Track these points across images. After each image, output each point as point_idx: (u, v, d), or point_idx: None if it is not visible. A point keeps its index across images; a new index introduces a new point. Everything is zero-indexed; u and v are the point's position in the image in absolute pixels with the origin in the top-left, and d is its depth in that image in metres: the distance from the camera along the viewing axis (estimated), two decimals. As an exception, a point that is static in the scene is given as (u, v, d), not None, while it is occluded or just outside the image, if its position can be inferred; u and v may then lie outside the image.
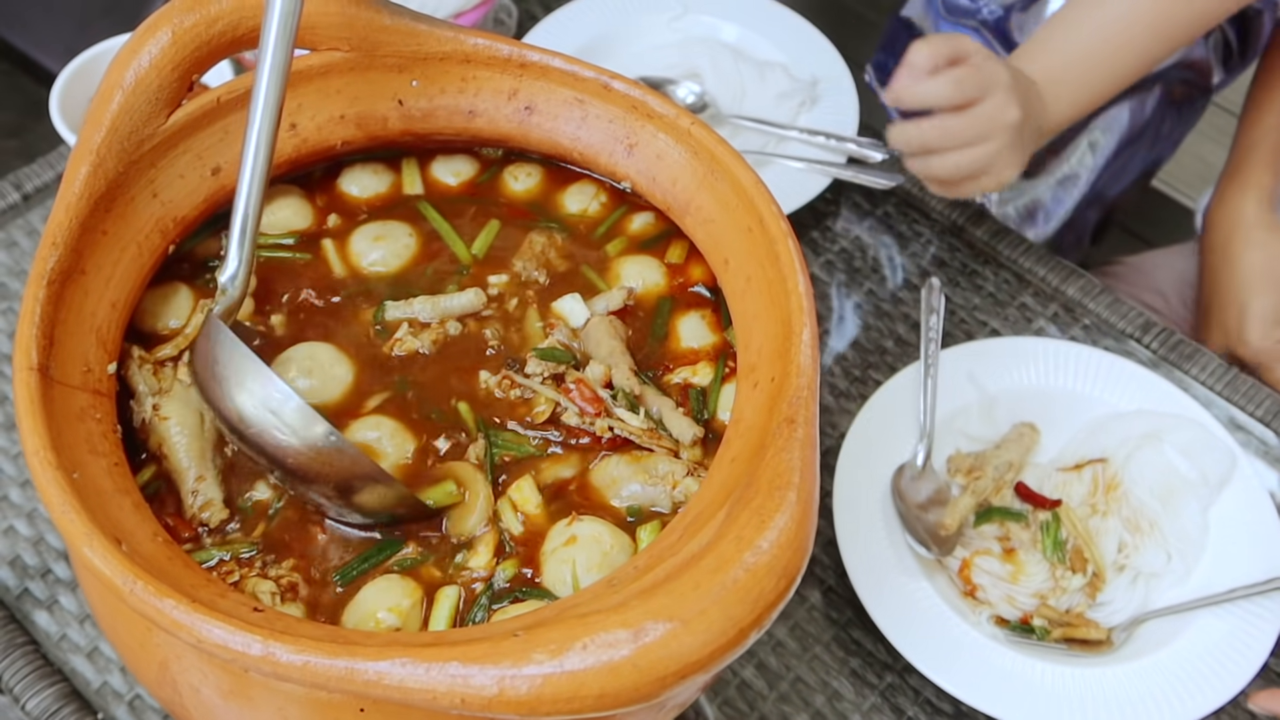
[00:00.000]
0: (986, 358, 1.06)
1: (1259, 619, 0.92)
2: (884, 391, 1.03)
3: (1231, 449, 1.00)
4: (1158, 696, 0.89)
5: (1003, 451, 1.01)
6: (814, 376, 0.59)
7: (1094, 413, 1.04)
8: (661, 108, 0.70)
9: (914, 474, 0.99)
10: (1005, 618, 0.95)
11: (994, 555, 0.97)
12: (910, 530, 0.96)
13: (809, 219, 1.21)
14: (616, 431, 0.66)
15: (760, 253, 0.65)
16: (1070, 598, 0.95)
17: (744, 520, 0.53)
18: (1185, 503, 0.98)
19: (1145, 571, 0.96)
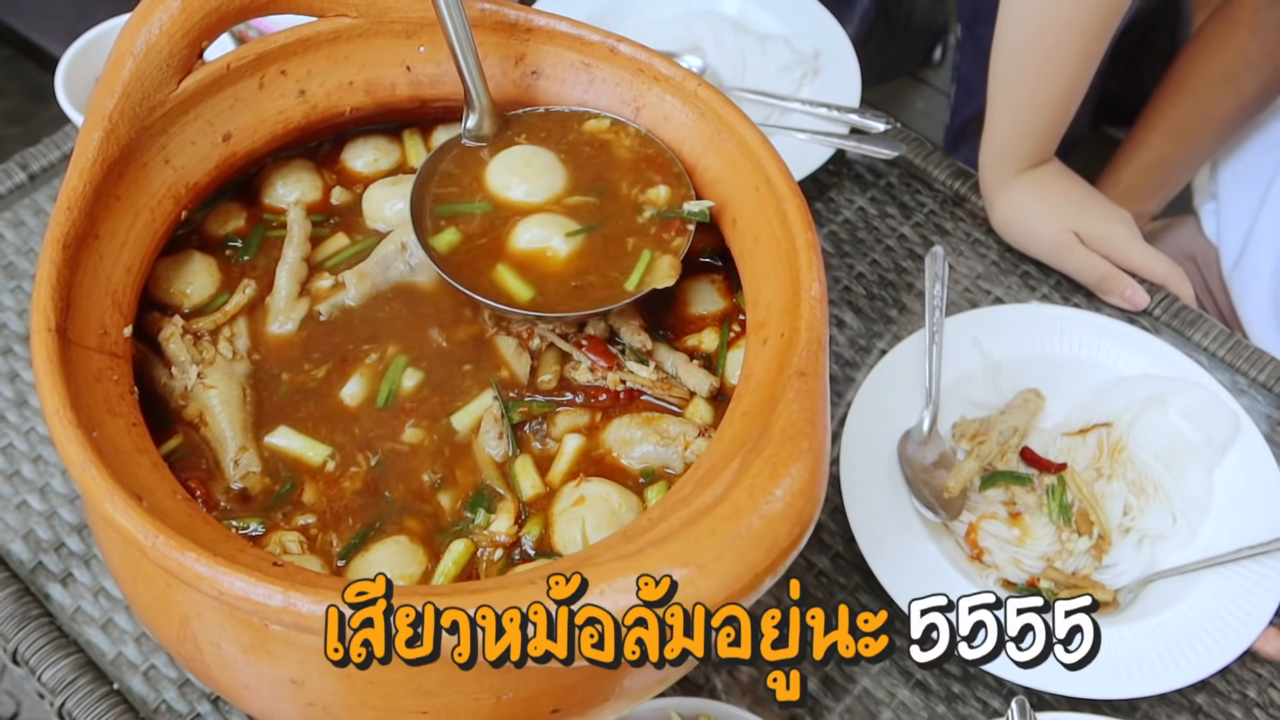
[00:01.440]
0: (991, 325, 1.07)
1: (1263, 579, 0.93)
2: (890, 359, 1.04)
3: (1235, 411, 1.01)
4: (1164, 655, 0.89)
5: (1007, 417, 1.01)
6: (823, 330, 0.60)
7: (1098, 378, 1.05)
8: (668, 70, 0.70)
9: (920, 439, 1.00)
10: (1012, 580, 0.95)
11: (1000, 519, 0.98)
12: (916, 494, 0.96)
13: (812, 190, 1.21)
14: (629, 384, 0.66)
15: (768, 211, 0.66)
16: (1076, 560, 0.96)
17: (757, 469, 0.53)
18: (1189, 465, 0.99)
19: (1151, 534, 0.97)
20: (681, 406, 0.67)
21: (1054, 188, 1.17)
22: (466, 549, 0.63)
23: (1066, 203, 1.16)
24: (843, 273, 1.16)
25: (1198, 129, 1.36)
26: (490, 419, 0.65)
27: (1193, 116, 1.36)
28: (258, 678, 0.58)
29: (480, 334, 0.70)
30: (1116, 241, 1.14)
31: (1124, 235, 1.15)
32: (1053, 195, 1.16)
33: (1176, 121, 1.38)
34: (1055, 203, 1.16)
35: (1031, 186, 1.16)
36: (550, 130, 0.74)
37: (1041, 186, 1.16)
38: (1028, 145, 1.15)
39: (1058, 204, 1.16)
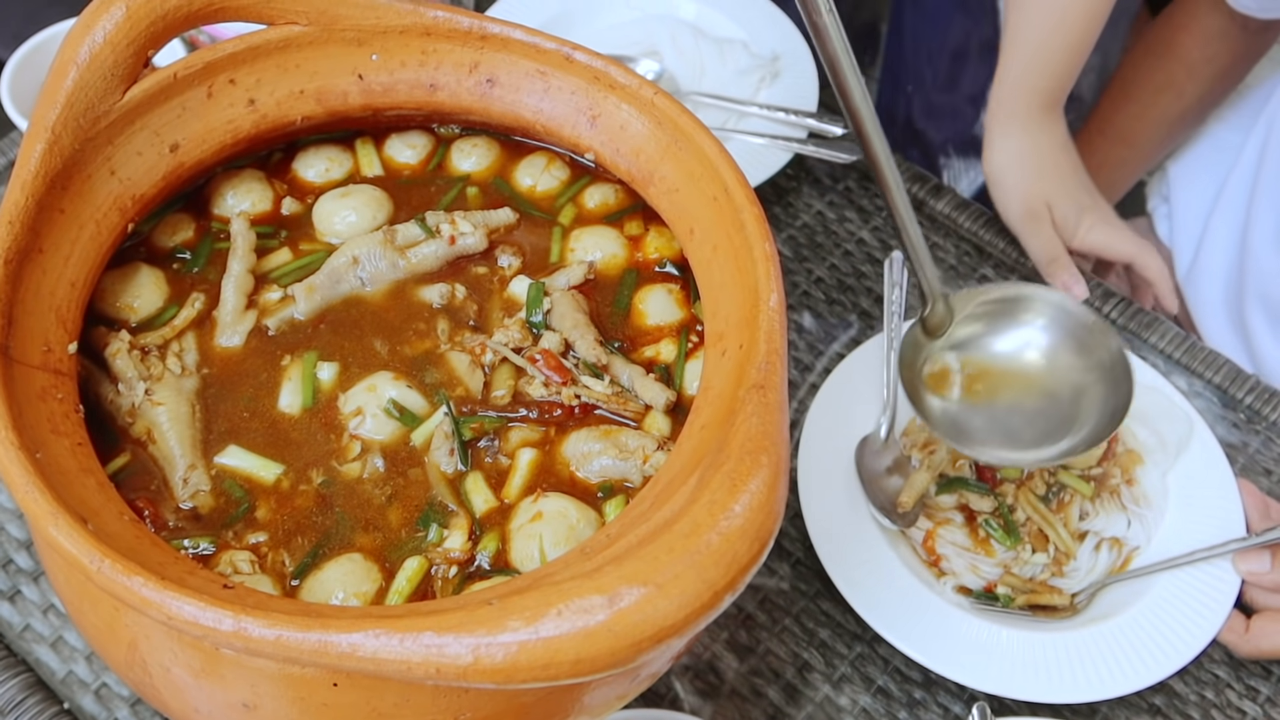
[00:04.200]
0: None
1: (1219, 580, 0.93)
2: (847, 364, 1.03)
3: (1189, 414, 1.02)
4: (1119, 658, 0.90)
5: None
6: (782, 342, 0.59)
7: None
8: (624, 78, 0.70)
9: (876, 446, 1.00)
10: (969, 587, 0.95)
11: (957, 525, 0.98)
12: (873, 501, 0.96)
13: (771, 195, 1.21)
14: (584, 399, 0.65)
15: (726, 221, 0.65)
16: (1033, 568, 0.96)
17: (716, 485, 0.53)
18: (1144, 469, 0.99)
19: (1106, 537, 0.97)
20: (637, 420, 0.66)
21: (1047, 151, 1.15)
22: (420, 566, 0.62)
23: (1053, 171, 1.15)
24: (801, 277, 1.15)
25: (1141, 133, 1.38)
26: (441, 435, 0.65)
27: (1136, 121, 1.38)
28: (209, 702, 0.57)
29: (433, 349, 0.69)
30: (1080, 228, 1.13)
31: (1089, 223, 1.13)
32: (1044, 158, 1.15)
33: (1120, 125, 1.39)
34: (1042, 168, 1.14)
35: (1029, 139, 1.15)
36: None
37: (1036, 144, 1.15)
38: (1041, 77, 1.13)
39: (1043, 169, 1.14)
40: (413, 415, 0.66)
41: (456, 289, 0.71)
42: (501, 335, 0.67)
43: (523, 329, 0.68)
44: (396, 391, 0.66)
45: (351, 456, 0.65)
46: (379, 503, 0.64)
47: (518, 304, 0.70)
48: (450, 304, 0.71)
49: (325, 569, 0.62)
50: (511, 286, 0.71)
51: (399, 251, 0.70)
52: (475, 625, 0.49)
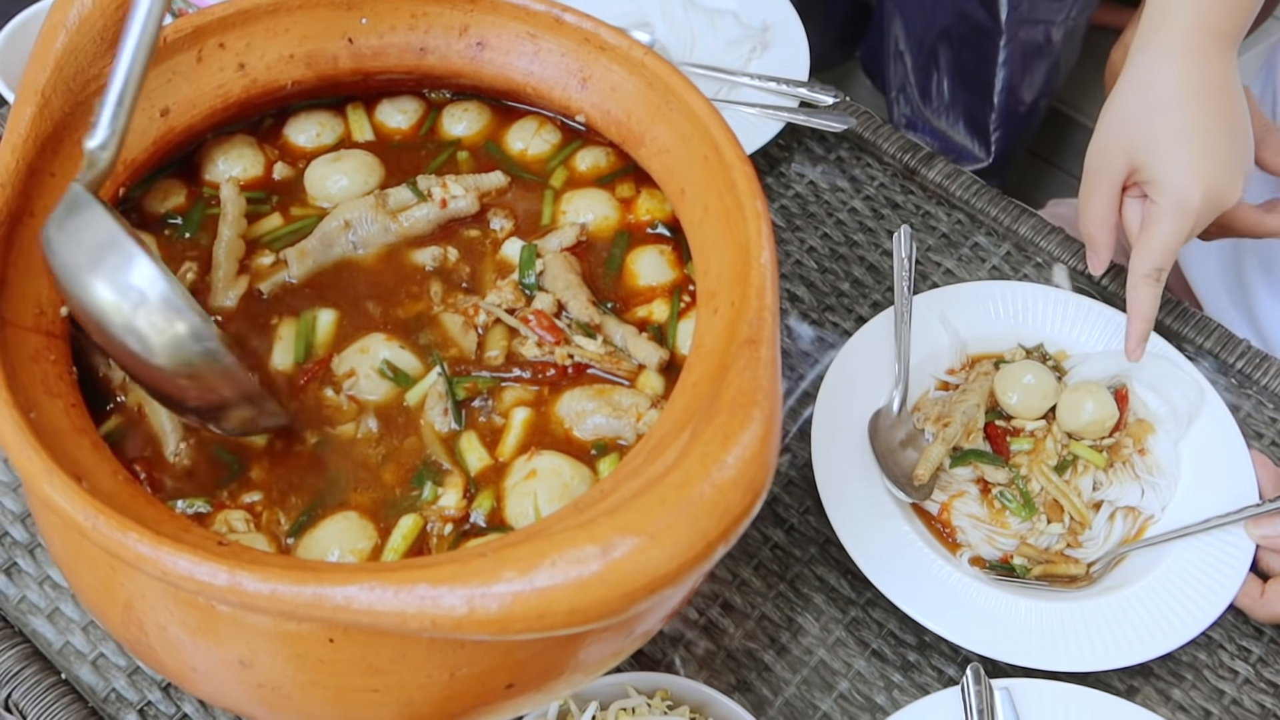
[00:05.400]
0: (958, 302, 1.07)
1: (1233, 547, 0.93)
2: (859, 337, 1.03)
3: (1199, 382, 1.01)
4: (1136, 626, 0.89)
5: (968, 395, 1.01)
6: (774, 298, 0.60)
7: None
8: (614, 40, 0.70)
9: (890, 420, 1.00)
10: (985, 558, 0.95)
11: (972, 497, 0.97)
12: (888, 474, 0.96)
13: (763, 164, 1.21)
14: (577, 358, 0.66)
15: (717, 180, 0.65)
16: (1049, 538, 0.96)
17: (709, 438, 0.53)
18: (1156, 438, 1.00)
19: (1120, 506, 0.97)
20: (630, 379, 0.66)
21: (1188, 97, 0.84)
22: (415, 524, 0.62)
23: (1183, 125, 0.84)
24: (794, 246, 1.16)
25: None
26: (435, 395, 0.65)
27: None
28: (205, 660, 0.57)
29: (426, 310, 0.69)
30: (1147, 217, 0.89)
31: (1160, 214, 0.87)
32: (1175, 106, 0.85)
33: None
34: (1160, 118, 0.85)
35: (1174, 72, 0.85)
36: None
37: (1181, 87, 0.85)
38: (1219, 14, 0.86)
39: (1158, 119, 0.85)
40: (406, 375, 0.66)
41: (449, 252, 0.71)
42: (495, 296, 0.67)
43: (515, 290, 0.68)
44: (389, 352, 0.66)
45: (346, 417, 0.65)
46: (374, 462, 0.64)
47: (510, 266, 0.70)
48: (443, 267, 0.71)
49: (321, 527, 0.62)
50: (504, 249, 0.71)
51: (391, 215, 0.70)
52: (470, 577, 0.49)
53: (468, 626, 0.49)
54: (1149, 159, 0.86)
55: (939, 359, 1.05)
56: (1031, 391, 0.99)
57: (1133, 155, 0.87)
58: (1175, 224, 0.87)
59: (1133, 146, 0.87)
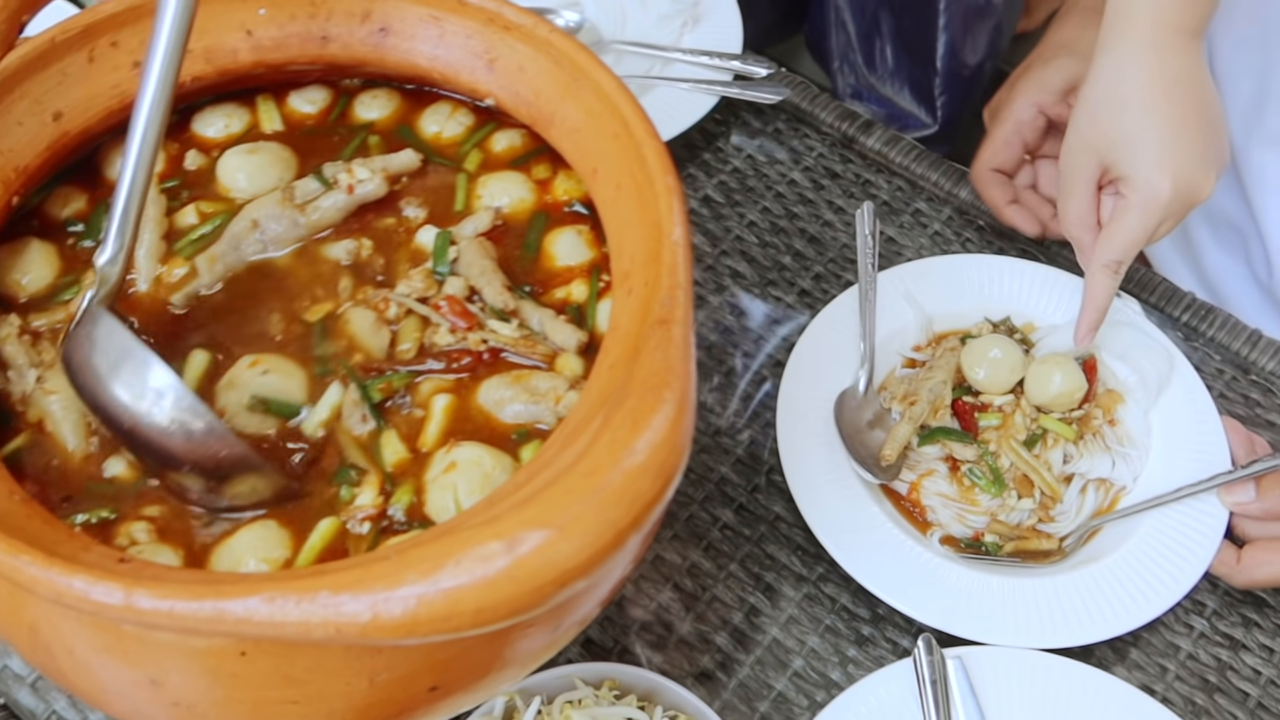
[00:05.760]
0: (923, 278, 1.05)
1: (1206, 515, 0.92)
2: (822, 316, 1.01)
3: (1169, 350, 1.00)
4: (1110, 599, 0.88)
5: (934, 373, 0.99)
6: (686, 276, 0.58)
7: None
8: (519, 18, 0.68)
9: (856, 401, 0.98)
10: (956, 536, 0.94)
11: (941, 476, 0.96)
12: (854, 456, 0.94)
13: (700, 140, 1.19)
14: (491, 343, 0.64)
15: (628, 157, 0.63)
16: (1020, 514, 0.95)
17: (618, 423, 0.51)
18: (1126, 408, 0.98)
19: (1092, 479, 0.96)
20: (547, 362, 0.65)
21: (1155, 94, 0.84)
22: (333, 526, 0.60)
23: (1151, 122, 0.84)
24: (734, 222, 1.14)
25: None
26: (350, 404, 0.63)
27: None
28: (116, 680, 0.55)
29: (334, 311, 0.67)
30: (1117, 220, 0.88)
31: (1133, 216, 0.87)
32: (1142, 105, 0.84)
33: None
34: (1128, 117, 0.85)
35: (1139, 68, 0.84)
36: None
37: (1147, 84, 0.84)
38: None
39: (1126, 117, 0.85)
40: (286, 405, 0.64)
41: (363, 244, 0.69)
42: (404, 286, 0.66)
43: (427, 278, 0.66)
44: (263, 383, 0.64)
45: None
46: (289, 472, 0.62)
47: (425, 255, 0.69)
48: (358, 260, 0.69)
49: (236, 536, 0.60)
50: (418, 237, 0.69)
51: (298, 209, 0.68)
52: (372, 582, 0.47)
53: (373, 633, 0.47)
54: (1118, 157, 0.86)
55: (905, 336, 1.03)
56: (998, 366, 0.98)
57: (1103, 155, 0.87)
58: (1141, 219, 0.87)
59: (1102, 146, 0.87)
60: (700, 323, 1.07)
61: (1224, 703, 0.89)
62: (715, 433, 1.01)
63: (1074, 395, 0.96)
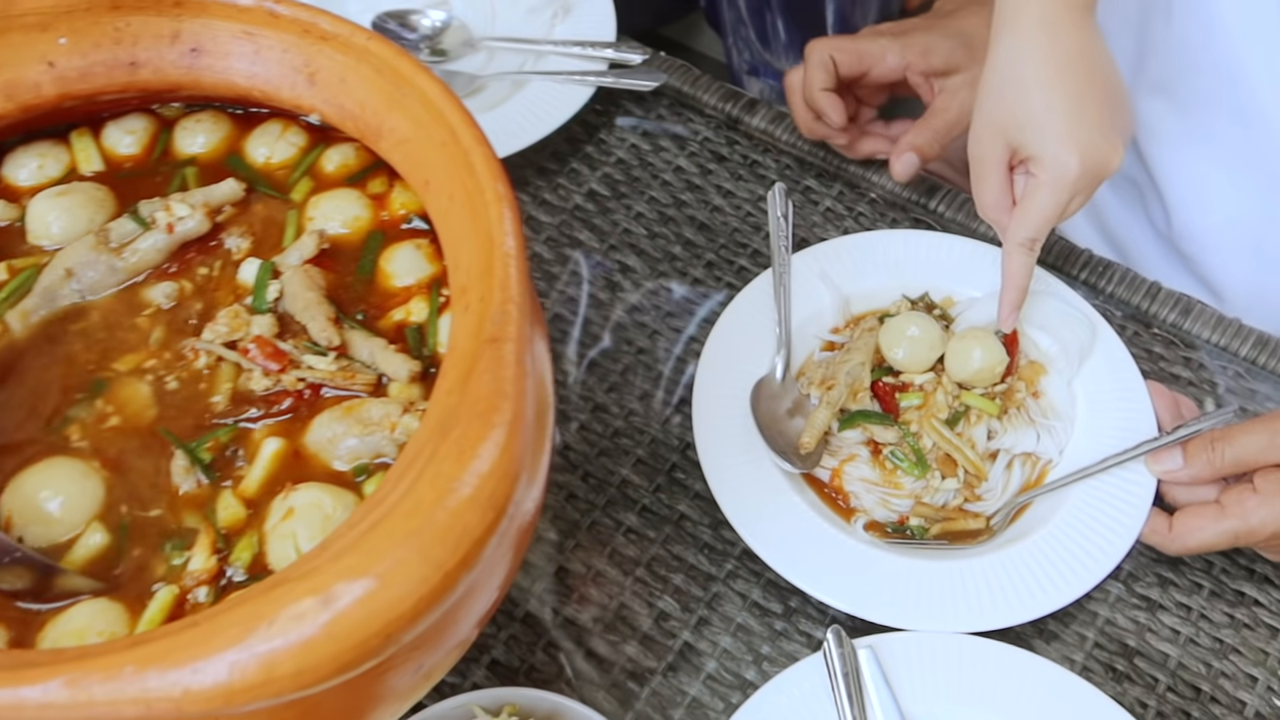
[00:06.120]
0: (837, 257, 1.02)
1: (1134, 484, 0.90)
2: (736, 305, 0.99)
3: (1090, 317, 0.98)
4: (1039, 577, 0.86)
5: (851, 355, 0.96)
6: (521, 290, 0.55)
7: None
8: (335, 27, 0.64)
9: (773, 389, 0.95)
10: (880, 521, 0.91)
11: (863, 460, 0.93)
12: (773, 447, 0.91)
13: (581, 133, 1.16)
14: (310, 380, 0.60)
15: (458, 166, 0.60)
16: (945, 494, 0.92)
17: (444, 454, 0.48)
18: (1049, 379, 0.96)
19: (1017, 454, 0.94)
20: (373, 393, 0.61)
21: (1054, 73, 0.84)
22: (170, 595, 0.56)
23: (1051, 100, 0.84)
24: (620, 215, 1.11)
25: None
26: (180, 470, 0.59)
27: None
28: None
29: (140, 365, 0.63)
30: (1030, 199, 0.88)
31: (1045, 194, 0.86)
32: (1041, 83, 0.84)
33: None
34: (1029, 96, 0.85)
35: (1034, 48, 0.84)
36: None
37: (1045, 63, 0.84)
38: None
39: (1028, 97, 0.85)
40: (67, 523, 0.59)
41: (184, 285, 0.65)
42: (209, 331, 0.62)
43: (234, 320, 0.62)
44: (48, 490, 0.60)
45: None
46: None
47: (248, 290, 0.65)
48: (180, 302, 0.65)
49: (70, 613, 0.56)
50: (241, 272, 0.65)
51: (114, 253, 0.64)
52: (180, 652, 0.44)
53: (188, 706, 0.44)
54: (1024, 137, 0.86)
55: (822, 319, 1.01)
56: (917, 344, 0.95)
57: (1010, 137, 0.87)
58: (1052, 196, 0.86)
59: (1009, 128, 0.87)
60: (593, 322, 1.04)
61: (1144, 666, 0.88)
62: (614, 434, 0.98)
63: (995, 370, 0.94)
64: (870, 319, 0.99)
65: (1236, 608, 0.90)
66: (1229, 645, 0.88)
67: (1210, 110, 1.10)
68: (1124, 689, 0.87)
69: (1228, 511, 0.85)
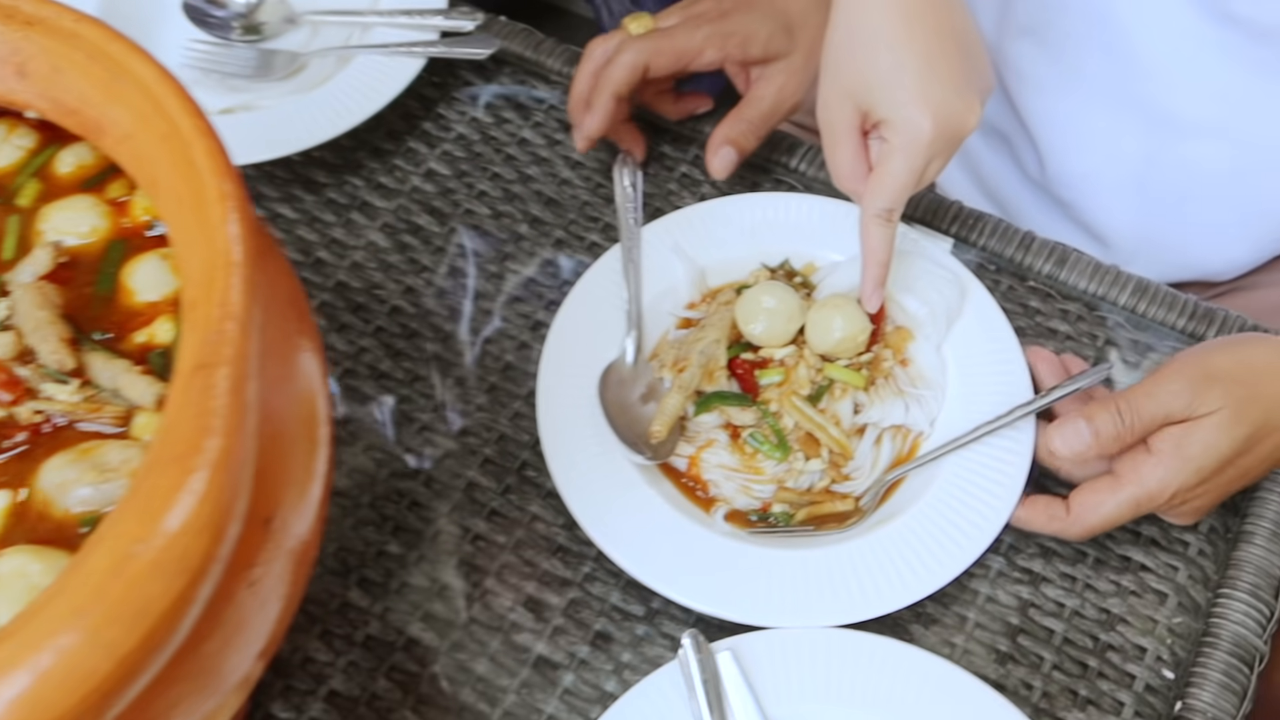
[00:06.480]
0: (690, 226, 0.95)
1: (1009, 453, 0.84)
2: (582, 286, 0.92)
3: (959, 275, 0.92)
4: (910, 560, 0.80)
5: (705, 332, 0.89)
6: (243, 303, 0.47)
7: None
8: (38, 9, 0.56)
9: (623, 374, 0.88)
10: (741, 509, 0.85)
11: (722, 446, 0.86)
12: (624, 438, 0.84)
13: (419, 109, 1.07)
14: (49, 412, 0.53)
15: (181, 162, 0.52)
16: (810, 477, 0.86)
17: (129, 511, 0.41)
18: (917, 345, 0.90)
19: (886, 427, 0.87)
20: (121, 425, 0.53)
21: (901, 28, 0.78)
22: None
23: (900, 58, 0.78)
24: (462, 195, 1.03)
25: None
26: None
27: None
28: None
29: None
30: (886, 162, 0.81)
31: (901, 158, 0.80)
32: (886, 41, 0.78)
33: None
34: (875, 55, 0.78)
35: (878, 7, 0.78)
36: None
37: (891, 18, 0.78)
38: None
39: (874, 56, 0.78)
40: None
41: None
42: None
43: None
44: None
45: None
46: None
47: (-27, 315, 0.57)
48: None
49: None
50: (-37, 295, 0.57)
51: None
52: None
53: None
54: (875, 100, 0.79)
55: (676, 294, 0.94)
56: (775, 316, 0.88)
57: (859, 99, 0.80)
58: (905, 161, 0.80)
59: (857, 91, 0.80)
60: (432, 312, 0.96)
61: (1029, 644, 0.82)
62: (460, 434, 0.91)
63: (858, 339, 0.87)
64: (727, 292, 0.93)
65: (1123, 574, 0.85)
66: (1116, 615, 0.83)
67: (1081, 50, 1.04)
68: (1008, 670, 0.81)
69: (1124, 479, 0.79)
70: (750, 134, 0.97)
